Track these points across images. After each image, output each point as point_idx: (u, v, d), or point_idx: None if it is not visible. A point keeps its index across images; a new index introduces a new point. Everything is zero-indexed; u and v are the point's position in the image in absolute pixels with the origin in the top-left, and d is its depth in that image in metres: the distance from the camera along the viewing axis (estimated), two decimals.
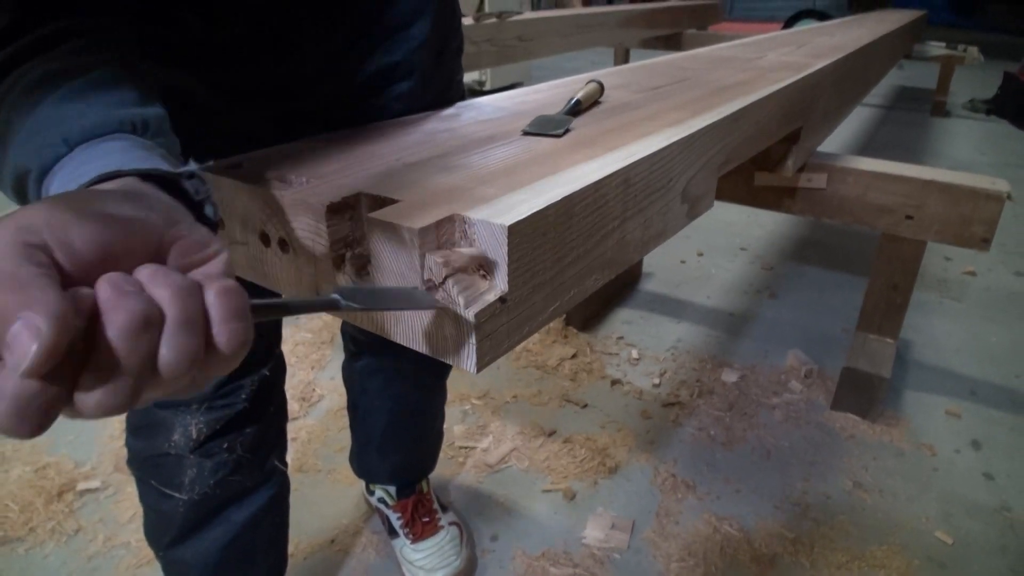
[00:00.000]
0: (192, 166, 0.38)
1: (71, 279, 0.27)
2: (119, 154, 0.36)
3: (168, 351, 0.27)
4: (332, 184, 0.49)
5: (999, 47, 7.33)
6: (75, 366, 0.26)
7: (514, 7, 4.48)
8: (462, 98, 0.86)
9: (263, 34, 0.62)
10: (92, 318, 0.26)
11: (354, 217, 0.48)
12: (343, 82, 0.71)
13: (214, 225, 0.39)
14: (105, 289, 0.27)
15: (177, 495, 0.77)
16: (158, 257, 0.30)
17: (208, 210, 0.38)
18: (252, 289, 0.50)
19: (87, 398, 0.26)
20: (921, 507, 1.29)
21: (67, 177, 0.36)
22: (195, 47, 0.60)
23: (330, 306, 0.37)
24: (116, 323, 0.26)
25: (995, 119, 4.52)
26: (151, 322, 0.27)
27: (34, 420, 0.25)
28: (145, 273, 0.28)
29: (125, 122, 0.39)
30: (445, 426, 1.19)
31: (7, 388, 0.24)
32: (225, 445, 0.78)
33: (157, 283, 0.28)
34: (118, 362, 0.26)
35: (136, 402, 0.27)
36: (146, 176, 0.35)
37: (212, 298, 0.29)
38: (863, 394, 1.51)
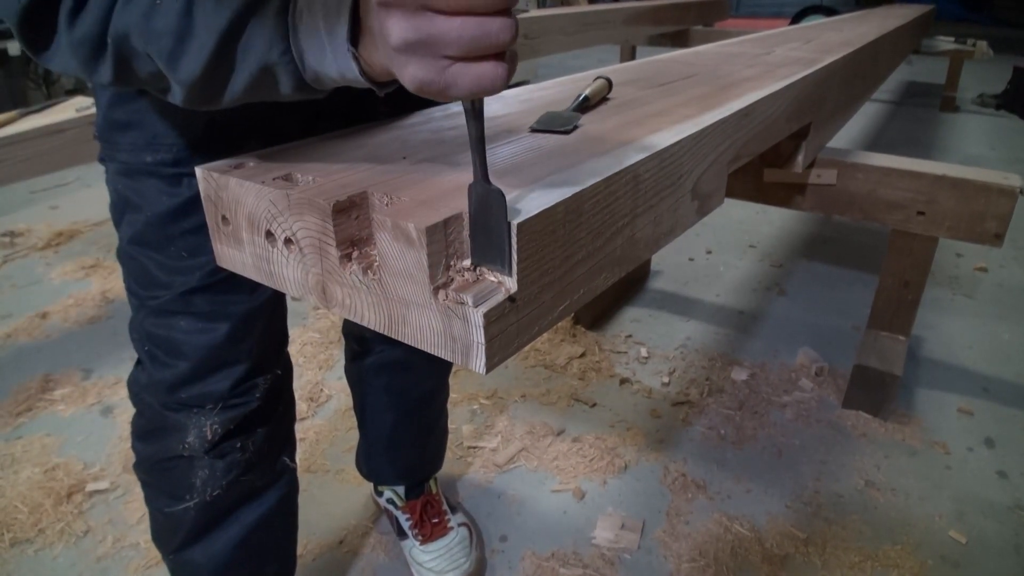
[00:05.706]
0: None
1: None
2: None
3: None
4: (338, 183, 0.49)
5: (1008, 41, 7.28)
6: None
7: (520, 5, 4.47)
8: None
9: None
10: None
11: (360, 216, 0.47)
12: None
13: None
14: None
15: (188, 497, 0.77)
16: None
17: None
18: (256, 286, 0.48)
19: None
20: (934, 506, 1.28)
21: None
22: None
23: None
24: None
25: (1005, 114, 4.48)
26: None
27: None
28: None
29: None
30: (454, 426, 1.19)
31: None
32: (238, 445, 0.78)
33: None
34: None
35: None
36: None
37: None
38: (875, 392, 1.49)
